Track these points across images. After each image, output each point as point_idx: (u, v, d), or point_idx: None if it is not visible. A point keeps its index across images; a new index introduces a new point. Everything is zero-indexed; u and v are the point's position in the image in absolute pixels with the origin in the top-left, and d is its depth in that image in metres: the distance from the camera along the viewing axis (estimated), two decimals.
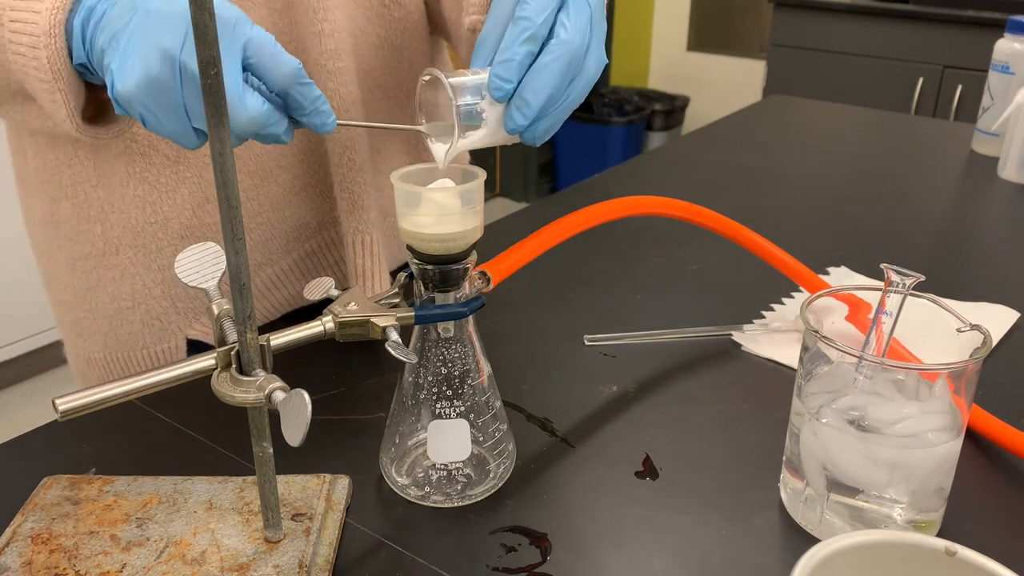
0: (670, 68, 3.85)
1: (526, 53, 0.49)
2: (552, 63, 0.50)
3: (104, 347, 0.75)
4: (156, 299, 0.72)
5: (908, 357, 0.53)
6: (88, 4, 0.50)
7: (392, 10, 0.73)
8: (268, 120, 0.47)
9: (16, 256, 2.05)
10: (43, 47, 0.50)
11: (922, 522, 0.50)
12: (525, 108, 0.50)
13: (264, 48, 0.46)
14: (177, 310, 0.73)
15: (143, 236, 0.70)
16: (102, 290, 0.72)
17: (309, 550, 0.47)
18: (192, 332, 0.74)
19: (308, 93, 0.48)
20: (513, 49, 0.49)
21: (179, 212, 0.69)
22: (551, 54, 0.50)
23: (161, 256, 0.70)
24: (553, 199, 1.14)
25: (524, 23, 0.49)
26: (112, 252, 0.71)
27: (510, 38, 0.49)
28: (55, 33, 0.49)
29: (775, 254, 0.71)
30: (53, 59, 0.50)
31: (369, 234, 0.73)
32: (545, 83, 0.49)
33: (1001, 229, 1.03)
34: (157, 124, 0.47)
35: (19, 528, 0.48)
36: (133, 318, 0.73)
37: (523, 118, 0.50)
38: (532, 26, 0.49)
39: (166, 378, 0.42)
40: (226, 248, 0.39)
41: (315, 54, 0.67)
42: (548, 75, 0.50)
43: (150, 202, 0.68)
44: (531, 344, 0.72)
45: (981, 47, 2.38)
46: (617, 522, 0.52)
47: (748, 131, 1.40)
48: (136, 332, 0.73)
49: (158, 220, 0.69)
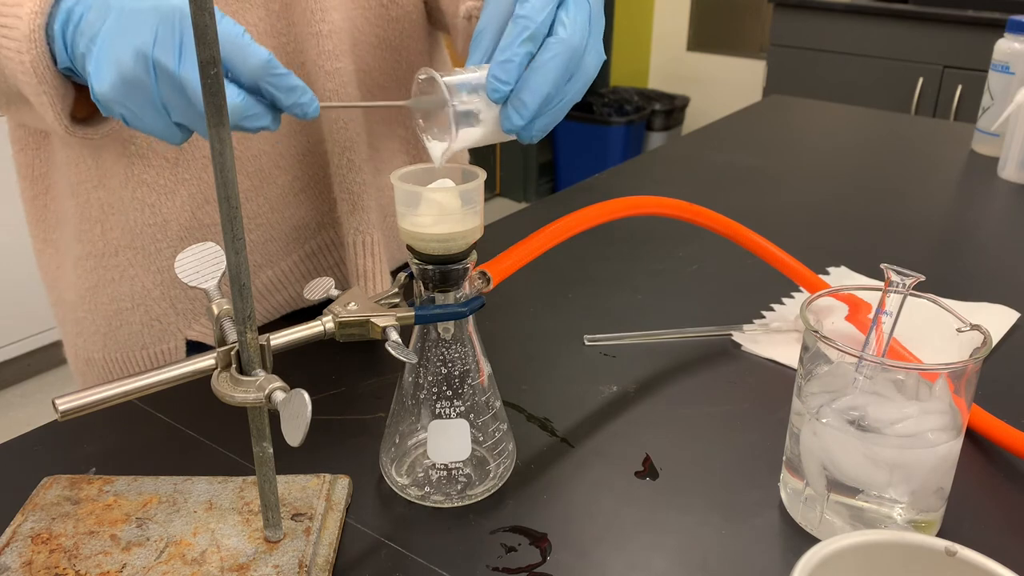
0: (670, 68, 3.85)
1: (525, 53, 0.49)
2: (551, 62, 0.49)
3: (104, 347, 0.75)
4: (155, 300, 0.72)
5: (908, 357, 0.53)
6: (66, 7, 0.49)
7: (390, 9, 0.73)
8: (245, 112, 0.47)
9: (16, 256, 2.06)
10: (26, 51, 0.50)
11: (922, 522, 0.50)
12: (522, 108, 0.49)
13: (230, 40, 0.46)
14: (177, 311, 0.73)
15: (142, 238, 0.70)
16: (102, 291, 0.72)
17: (309, 550, 0.47)
18: (192, 333, 0.74)
19: (282, 83, 0.47)
20: (512, 49, 0.49)
21: (178, 214, 0.69)
22: (550, 52, 0.49)
23: (160, 258, 0.70)
24: (553, 199, 1.14)
25: (524, 22, 0.49)
26: (112, 253, 0.71)
27: (509, 37, 0.49)
28: (35, 38, 0.49)
29: (775, 254, 0.71)
30: (36, 63, 0.50)
31: (370, 234, 0.73)
32: (543, 82, 0.49)
33: (1001, 229, 1.03)
34: (138, 122, 0.47)
35: (19, 528, 0.48)
36: (133, 319, 0.73)
37: (520, 118, 0.50)
38: (532, 25, 0.49)
39: (166, 378, 0.42)
40: (226, 248, 0.39)
41: (313, 55, 0.67)
42: (546, 74, 0.49)
43: (149, 204, 0.68)
44: (531, 344, 0.72)
45: (981, 47, 2.38)
46: (617, 522, 0.52)
47: (748, 131, 1.40)
48: (136, 333, 0.73)
49: (157, 222, 0.69)
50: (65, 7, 0.49)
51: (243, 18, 0.65)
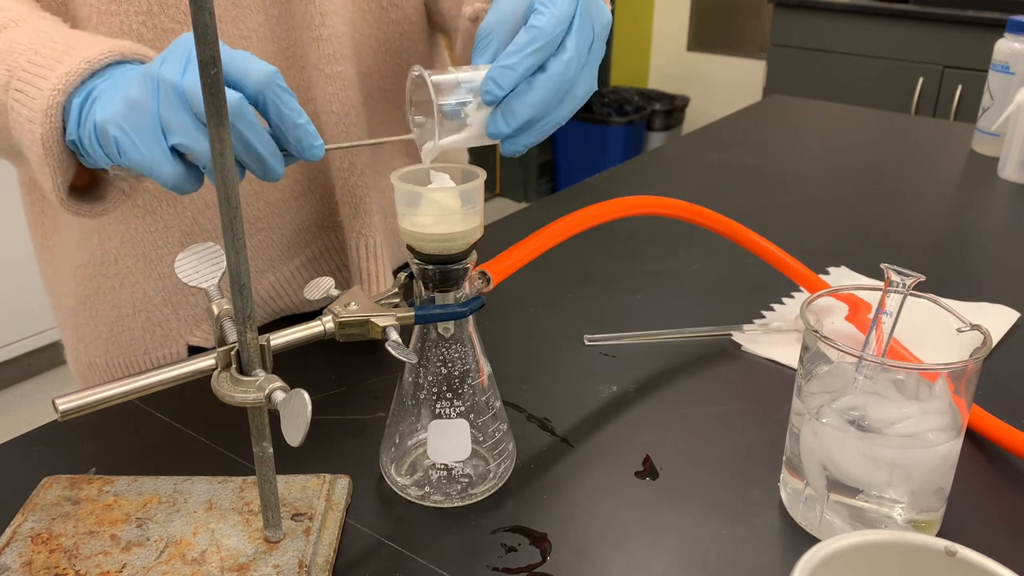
0: (670, 68, 3.85)
1: (530, 65, 0.49)
2: (546, 81, 0.49)
3: (105, 352, 0.75)
4: (157, 306, 0.72)
5: (908, 357, 0.53)
6: (90, 86, 0.49)
7: (390, 12, 0.73)
8: (242, 111, 0.45)
9: (16, 256, 2.06)
10: (39, 123, 0.49)
11: (922, 522, 0.50)
12: (511, 118, 0.49)
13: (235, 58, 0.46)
14: (178, 317, 0.73)
15: (142, 245, 0.69)
16: (102, 297, 0.72)
17: (309, 550, 0.47)
18: (193, 339, 0.74)
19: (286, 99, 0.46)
20: (519, 56, 0.48)
21: (179, 219, 0.69)
22: (547, 72, 0.49)
23: (161, 264, 0.70)
24: (553, 199, 1.14)
25: (536, 32, 0.48)
26: (111, 261, 0.70)
27: (519, 44, 0.49)
28: (51, 114, 0.49)
29: (775, 254, 0.71)
30: (46, 137, 0.50)
31: (372, 237, 0.73)
32: (535, 100, 0.49)
33: (1001, 229, 1.03)
34: (132, 149, 0.46)
35: (19, 528, 0.48)
36: (134, 324, 0.73)
37: (507, 127, 0.49)
38: (543, 39, 0.48)
39: (166, 378, 0.42)
40: (226, 248, 0.39)
41: (314, 59, 0.67)
42: (540, 92, 0.49)
43: (149, 211, 0.68)
44: (531, 344, 0.72)
45: (981, 47, 2.38)
46: (617, 522, 0.52)
47: (748, 131, 1.40)
48: (137, 338, 0.73)
49: (157, 228, 0.69)
50: (88, 86, 0.49)
51: (243, 23, 0.65)
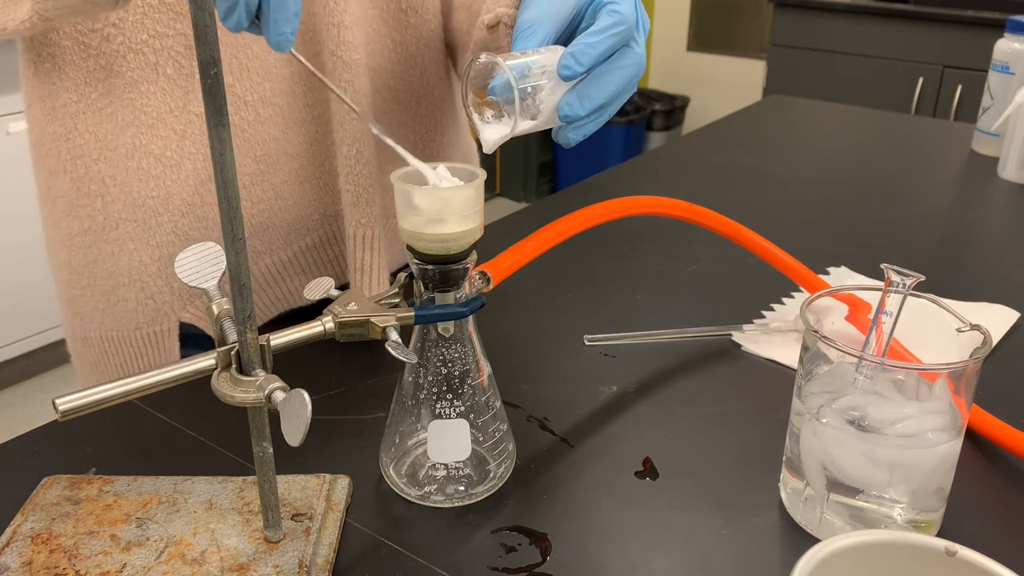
0: (670, 68, 3.85)
1: (611, 46, 0.48)
2: (623, 70, 0.49)
3: (100, 325, 0.76)
4: (152, 276, 0.73)
5: (908, 357, 0.53)
6: None
7: (409, 16, 0.74)
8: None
9: (16, 256, 2.06)
10: None
11: (922, 522, 0.50)
12: (586, 100, 0.49)
13: None
14: (172, 290, 0.73)
15: (143, 211, 0.70)
16: (100, 266, 0.73)
17: (309, 550, 0.47)
18: (185, 315, 0.74)
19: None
20: (601, 37, 0.48)
21: (181, 188, 0.70)
22: (624, 60, 0.49)
23: (160, 232, 0.71)
24: (553, 199, 1.14)
25: (619, 17, 0.48)
26: (112, 227, 0.71)
27: (601, 25, 0.48)
28: None
29: (775, 254, 0.71)
30: None
31: (371, 228, 0.74)
32: (611, 85, 0.49)
33: (1001, 229, 1.03)
34: None
35: (19, 528, 0.48)
36: (128, 296, 0.73)
37: (582, 109, 0.49)
38: (625, 23, 0.48)
39: (166, 378, 0.42)
40: (226, 248, 0.39)
41: (331, 45, 0.68)
42: (616, 79, 0.49)
43: (154, 175, 0.69)
44: (531, 344, 0.72)
45: (981, 47, 2.38)
46: (617, 522, 0.52)
47: (748, 131, 1.40)
48: (131, 311, 0.74)
49: (160, 195, 0.70)
50: None
51: None
